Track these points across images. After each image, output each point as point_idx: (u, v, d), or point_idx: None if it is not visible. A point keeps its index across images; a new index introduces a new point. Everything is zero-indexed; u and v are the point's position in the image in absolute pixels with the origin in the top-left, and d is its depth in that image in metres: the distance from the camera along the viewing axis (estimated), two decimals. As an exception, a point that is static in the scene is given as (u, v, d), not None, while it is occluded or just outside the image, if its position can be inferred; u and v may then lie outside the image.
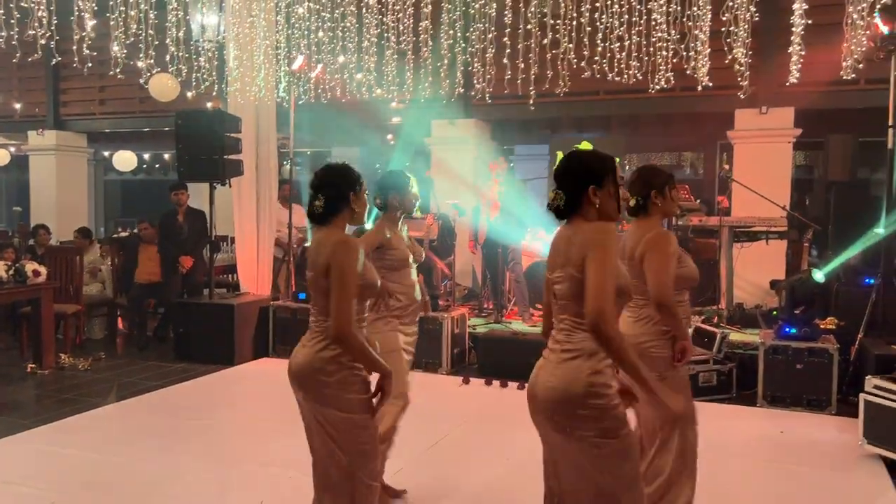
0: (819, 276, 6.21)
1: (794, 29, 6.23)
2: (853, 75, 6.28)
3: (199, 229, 7.99)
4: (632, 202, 3.26)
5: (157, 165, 16.47)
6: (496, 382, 6.27)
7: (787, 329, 5.74)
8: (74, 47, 6.47)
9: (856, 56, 6.11)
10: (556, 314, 2.40)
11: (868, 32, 6.00)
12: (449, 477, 4.26)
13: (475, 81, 7.68)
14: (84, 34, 6.34)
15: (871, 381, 4.57)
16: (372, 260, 3.47)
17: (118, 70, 7.07)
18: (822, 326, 6.05)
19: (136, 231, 8.57)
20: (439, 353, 6.67)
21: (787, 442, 4.96)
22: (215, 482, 4.18)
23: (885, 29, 5.72)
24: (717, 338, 5.99)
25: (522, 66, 7.20)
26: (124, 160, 13.79)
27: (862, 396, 4.58)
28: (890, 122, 6.04)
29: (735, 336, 6.49)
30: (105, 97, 11.43)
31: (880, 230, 6.21)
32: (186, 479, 4.20)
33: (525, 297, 7.66)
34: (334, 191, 2.69)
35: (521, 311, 7.65)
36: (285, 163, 10.24)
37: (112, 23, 6.80)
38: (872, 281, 6.22)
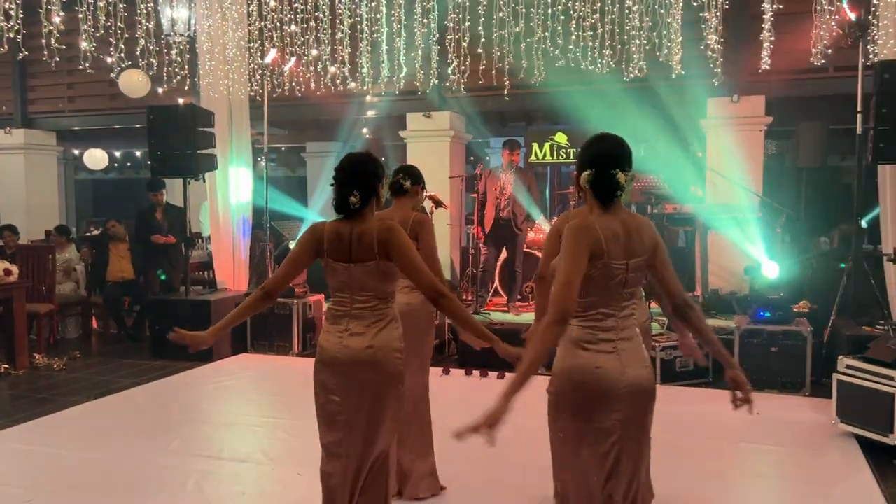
0: (769, 271, 6.28)
1: (764, 17, 6.30)
2: (822, 61, 6.37)
3: (179, 223, 7.91)
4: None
5: (128, 164, 16.25)
6: (476, 373, 6.29)
7: (762, 313, 5.83)
8: (43, 41, 6.36)
9: (825, 43, 6.20)
10: (620, 301, 2.36)
11: (836, 19, 6.10)
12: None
13: (450, 73, 7.68)
14: (52, 28, 6.23)
15: (843, 362, 4.66)
16: None
17: (87, 65, 6.96)
18: (795, 310, 6.15)
19: (105, 229, 8.44)
20: (419, 345, 6.67)
21: (763, 423, 5.02)
22: (196, 477, 4.15)
23: (852, 16, 5.81)
24: (693, 323, 6.07)
25: (497, 55, 7.21)
26: (95, 158, 13.58)
27: (835, 376, 4.67)
28: (858, 109, 6.14)
29: (711, 321, 6.56)
30: (74, 94, 11.22)
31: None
32: (167, 475, 4.17)
33: (518, 288, 7.71)
34: (368, 187, 2.75)
35: (510, 301, 7.69)
36: (259, 158, 10.16)
37: (80, 16, 6.69)
38: (844, 265, 6.33)
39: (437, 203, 7.99)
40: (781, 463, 4.31)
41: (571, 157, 8.12)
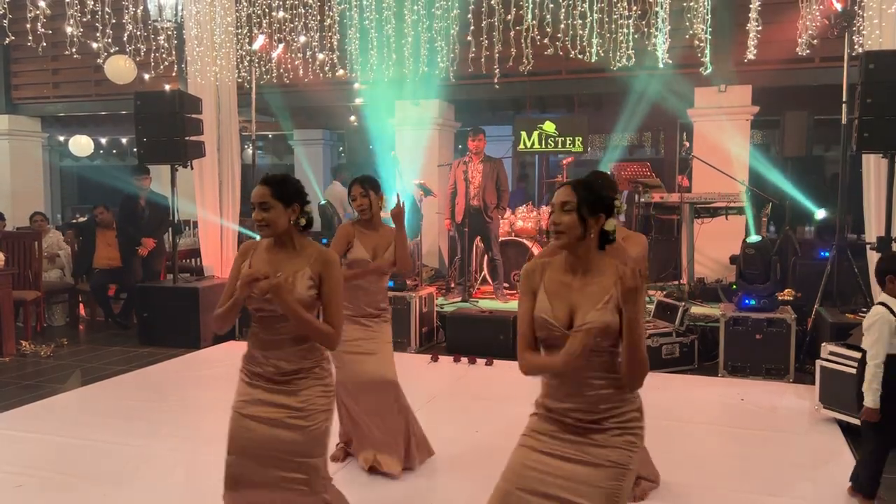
0: (752, 238, 6.38)
1: (751, 6, 6.34)
2: (808, 51, 6.42)
3: (160, 213, 7.88)
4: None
5: (114, 151, 16.12)
6: (464, 359, 6.32)
7: (747, 301, 5.89)
8: (28, 26, 6.29)
9: (811, 33, 6.25)
10: None
11: (822, 9, 6.14)
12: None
13: (439, 60, 7.68)
14: (37, 13, 6.16)
15: (826, 348, 4.73)
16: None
17: (73, 51, 6.90)
18: (780, 298, 6.22)
19: (92, 216, 8.38)
20: (408, 333, 6.70)
21: (748, 409, 5.11)
22: (185, 463, 4.16)
23: (838, 6, 5.85)
24: (679, 311, 6.14)
25: (486, 43, 7.21)
26: (80, 145, 13.45)
27: (818, 363, 4.74)
28: (844, 99, 6.19)
29: (696, 309, 6.64)
30: (59, 80, 11.13)
31: None
32: (155, 461, 4.18)
33: (501, 275, 7.74)
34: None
35: (496, 287, 7.73)
36: (247, 146, 10.12)
37: (66, 1, 6.63)
38: (827, 254, 6.41)
39: (426, 191, 8.05)
40: (765, 447, 4.38)
41: (559, 146, 8.15)
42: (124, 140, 15.03)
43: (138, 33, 7.22)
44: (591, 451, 2.22)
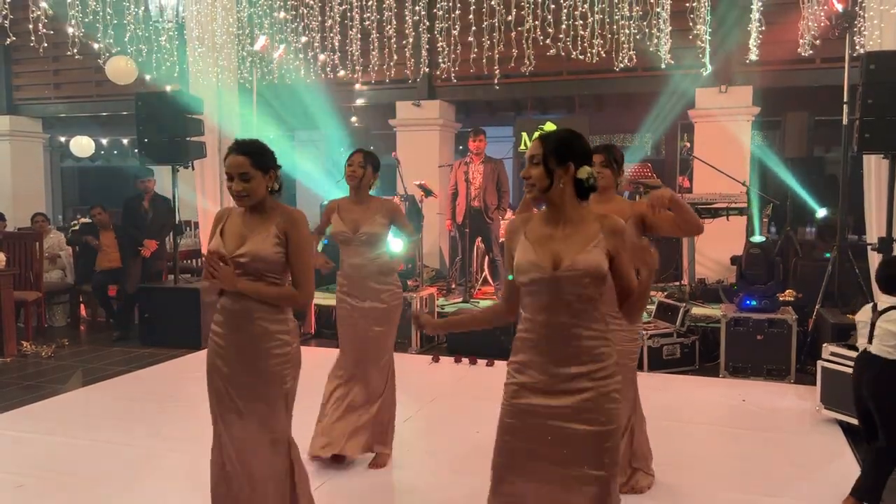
0: (756, 238, 6.40)
1: (753, 7, 6.34)
2: (810, 52, 6.42)
3: (163, 215, 7.88)
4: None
5: (115, 151, 16.12)
6: (465, 360, 6.32)
7: (748, 301, 5.89)
8: (30, 26, 6.30)
9: (812, 34, 6.25)
10: None
11: (823, 10, 6.15)
12: (423, 449, 4.32)
13: (440, 61, 7.68)
14: (39, 13, 6.17)
15: (827, 349, 4.74)
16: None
17: (75, 51, 6.91)
18: (781, 298, 6.22)
19: (88, 218, 8.36)
20: (409, 333, 6.70)
21: (748, 409, 5.11)
22: (186, 464, 4.16)
23: (839, 7, 5.85)
24: (680, 312, 6.13)
25: (487, 44, 7.22)
26: (81, 146, 13.44)
27: (819, 363, 4.74)
28: (845, 100, 6.20)
29: (697, 310, 6.63)
30: (60, 80, 11.14)
31: None
32: (156, 462, 4.18)
33: (502, 276, 7.75)
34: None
35: (497, 288, 7.75)
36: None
37: (68, 2, 6.64)
38: (829, 255, 6.41)
39: (427, 192, 8.05)
40: (766, 447, 4.38)
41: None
42: (125, 141, 15.03)
43: (139, 34, 7.22)
44: (580, 416, 2.24)
